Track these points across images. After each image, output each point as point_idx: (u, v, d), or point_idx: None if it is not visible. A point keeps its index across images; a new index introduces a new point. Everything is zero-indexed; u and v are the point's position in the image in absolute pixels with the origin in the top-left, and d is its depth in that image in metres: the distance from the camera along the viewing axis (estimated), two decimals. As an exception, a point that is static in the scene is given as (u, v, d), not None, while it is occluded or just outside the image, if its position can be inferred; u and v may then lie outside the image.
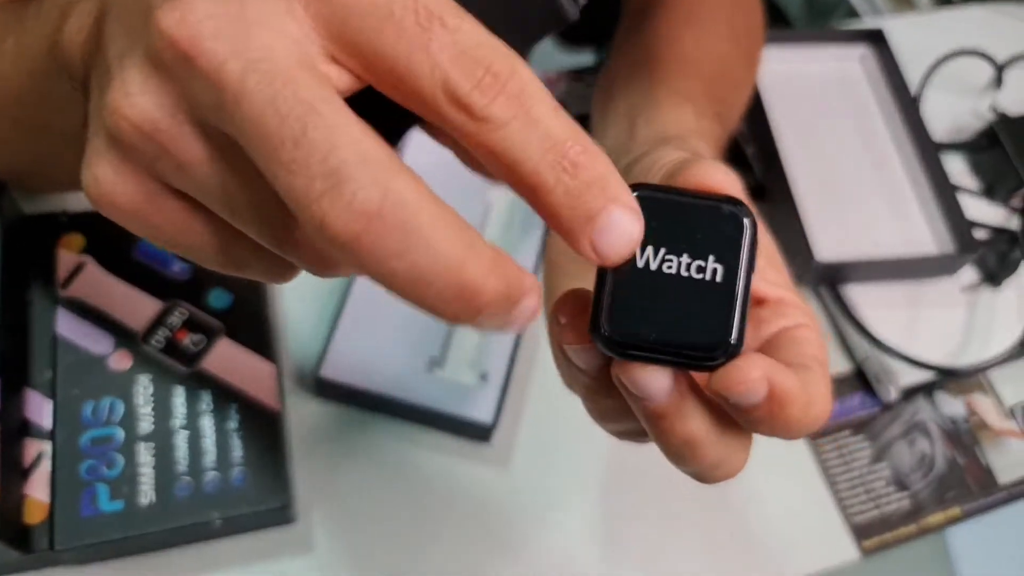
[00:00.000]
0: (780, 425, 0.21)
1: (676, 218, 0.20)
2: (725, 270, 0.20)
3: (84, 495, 0.38)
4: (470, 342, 0.46)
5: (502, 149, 0.18)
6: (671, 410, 0.21)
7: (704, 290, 0.20)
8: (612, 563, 0.44)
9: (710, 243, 0.20)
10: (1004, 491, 0.50)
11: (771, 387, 0.20)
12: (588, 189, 0.18)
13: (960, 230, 0.53)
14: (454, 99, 0.18)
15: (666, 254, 0.20)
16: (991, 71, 0.63)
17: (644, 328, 0.20)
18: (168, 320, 0.43)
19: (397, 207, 0.16)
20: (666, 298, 0.20)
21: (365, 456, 0.44)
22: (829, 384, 0.23)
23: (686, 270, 0.20)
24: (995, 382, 0.53)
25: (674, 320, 0.20)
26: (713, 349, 0.20)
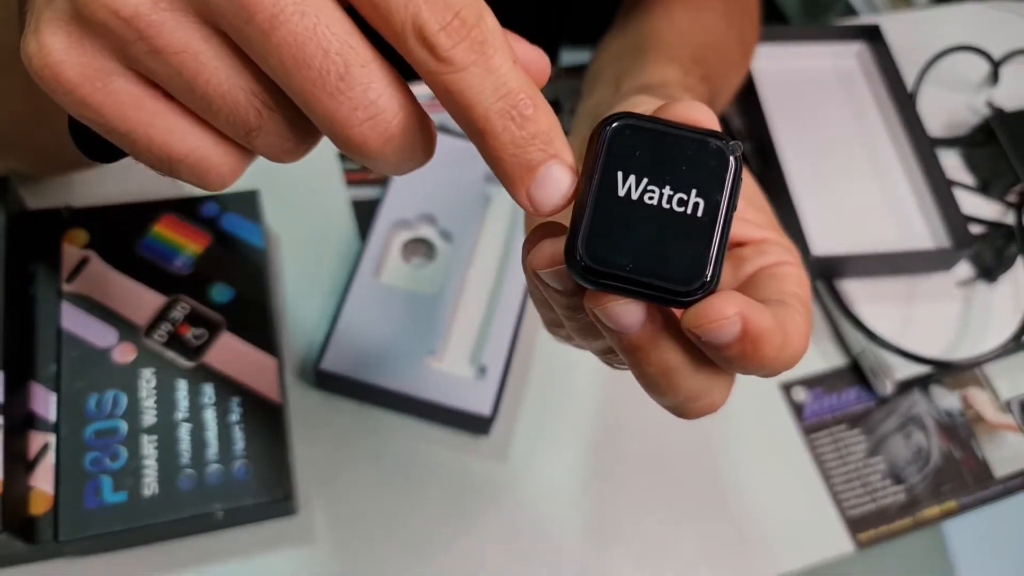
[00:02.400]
0: (754, 364, 0.21)
1: (661, 149, 0.20)
2: (707, 205, 0.20)
3: (88, 487, 0.39)
4: (469, 336, 0.46)
5: (458, 91, 0.19)
6: (645, 342, 0.21)
7: (684, 224, 0.20)
8: (609, 555, 0.44)
9: (694, 176, 0.20)
10: (1000, 484, 0.50)
11: (745, 325, 0.20)
12: (532, 141, 0.20)
13: (956, 225, 0.53)
14: (421, 36, 0.19)
15: (648, 184, 0.20)
16: (987, 67, 0.64)
17: (620, 257, 0.19)
18: (171, 314, 0.43)
19: (410, 127, 0.20)
20: (645, 229, 0.20)
21: (365, 448, 0.45)
22: (808, 320, 0.23)
23: (667, 202, 0.20)
24: (991, 376, 0.53)
25: (651, 252, 0.20)
26: (688, 284, 0.19)
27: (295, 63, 0.18)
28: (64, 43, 0.19)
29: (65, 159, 0.47)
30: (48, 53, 0.19)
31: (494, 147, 0.20)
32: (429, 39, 0.19)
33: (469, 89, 0.19)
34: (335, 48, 0.18)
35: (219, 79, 0.19)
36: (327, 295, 0.48)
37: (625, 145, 0.20)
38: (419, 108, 0.20)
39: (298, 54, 0.18)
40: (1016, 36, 0.66)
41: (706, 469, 0.48)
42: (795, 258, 0.25)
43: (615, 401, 0.48)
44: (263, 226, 0.47)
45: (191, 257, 0.45)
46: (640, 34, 0.45)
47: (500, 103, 0.19)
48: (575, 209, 0.20)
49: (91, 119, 0.20)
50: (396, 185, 0.50)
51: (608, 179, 0.20)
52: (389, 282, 0.47)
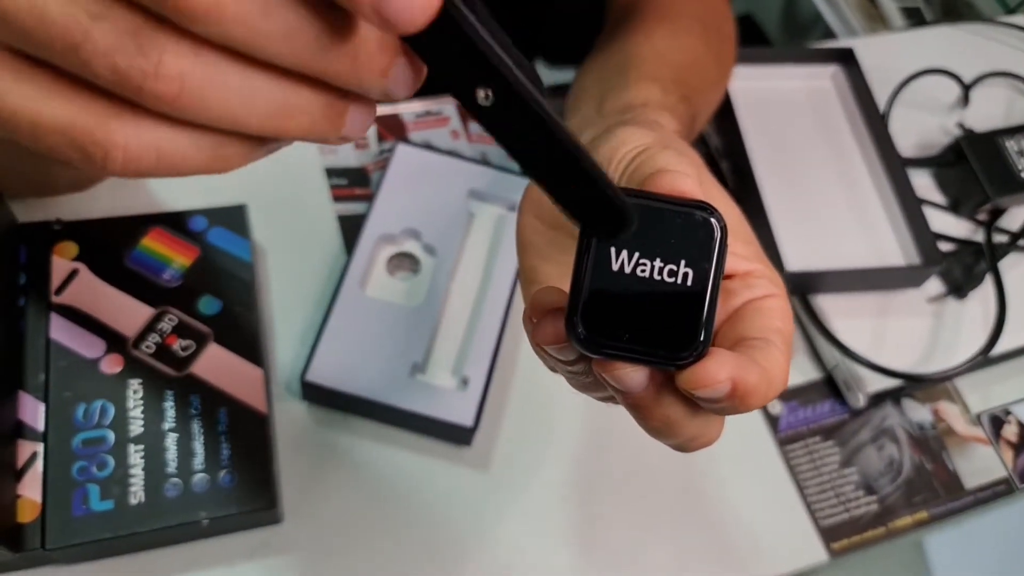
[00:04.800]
0: (742, 410, 0.22)
1: (651, 223, 0.21)
2: (696, 274, 0.21)
3: (75, 495, 0.39)
4: (452, 348, 0.47)
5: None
6: (648, 400, 0.22)
7: (675, 293, 0.21)
8: (588, 564, 0.45)
9: (682, 248, 0.21)
10: (970, 495, 0.51)
11: (735, 384, 0.21)
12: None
13: (926, 243, 0.54)
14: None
15: (640, 258, 0.21)
16: (958, 89, 0.65)
17: (617, 329, 0.21)
18: (158, 326, 0.44)
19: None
20: (639, 300, 0.21)
21: (350, 459, 0.46)
22: (788, 354, 0.24)
23: (659, 274, 0.21)
24: (962, 390, 0.55)
25: (646, 322, 0.21)
26: (682, 350, 0.21)
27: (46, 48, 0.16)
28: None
29: (51, 187, 0.48)
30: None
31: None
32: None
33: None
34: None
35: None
36: (313, 308, 0.49)
37: None
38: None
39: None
40: (986, 59, 0.68)
41: (684, 479, 0.49)
42: (781, 290, 0.26)
43: (596, 413, 0.49)
44: (250, 240, 0.48)
45: (179, 270, 0.46)
46: (622, 54, 0.47)
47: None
48: (572, 282, 0.21)
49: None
50: (381, 200, 0.51)
51: (603, 253, 0.21)
52: (374, 295, 0.48)
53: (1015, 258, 0.58)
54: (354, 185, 0.55)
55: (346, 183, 0.55)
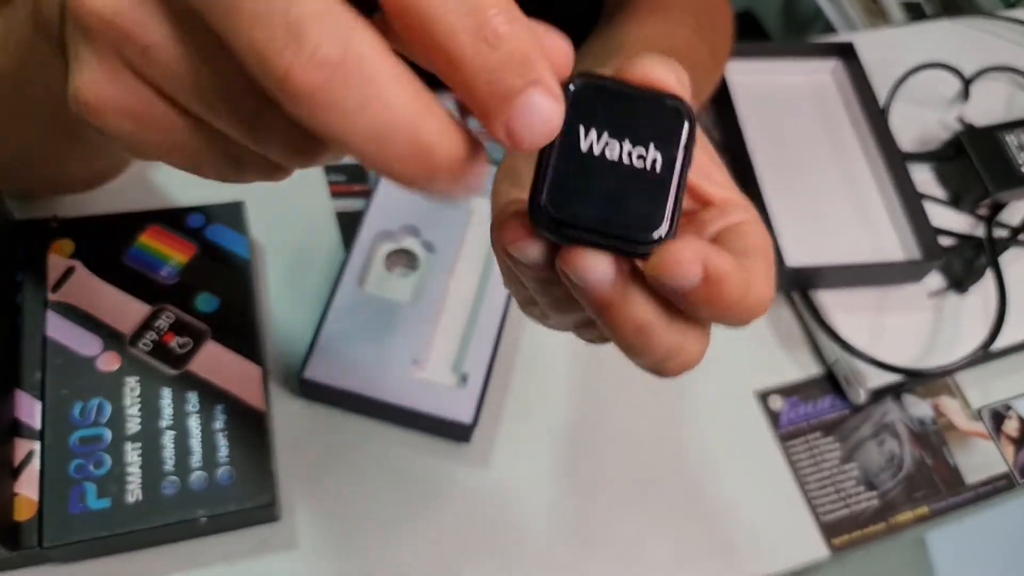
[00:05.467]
0: (720, 307, 0.21)
1: (620, 106, 0.20)
2: (664, 160, 0.20)
3: (72, 493, 0.39)
4: (451, 344, 0.47)
5: (415, 7, 0.17)
6: (616, 297, 0.21)
7: (642, 178, 0.20)
8: (588, 561, 0.45)
9: (651, 133, 0.20)
10: (971, 491, 0.51)
11: (705, 268, 0.20)
12: (509, 64, 0.17)
13: (926, 238, 0.54)
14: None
15: (609, 139, 0.20)
16: (958, 84, 0.65)
17: (582, 209, 0.20)
18: (156, 323, 0.44)
19: (357, 59, 0.16)
20: (605, 182, 0.20)
21: (348, 456, 0.46)
22: (771, 271, 0.23)
23: (627, 157, 0.20)
24: (962, 385, 0.55)
25: (613, 205, 0.20)
26: (648, 235, 0.20)
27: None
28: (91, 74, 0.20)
29: (61, 188, 0.47)
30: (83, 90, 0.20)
31: (465, 76, 0.17)
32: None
33: (429, 5, 0.17)
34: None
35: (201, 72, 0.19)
36: (311, 304, 0.49)
37: (587, 102, 0.20)
38: (379, 44, 0.17)
39: None
40: (987, 54, 0.68)
41: (685, 475, 0.48)
42: (755, 216, 0.26)
43: (595, 409, 0.49)
44: (248, 237, 0.48)
45: (176, 267, 0.46)
46: (611, 40, 0.47)
47: (469, 20, 0.17)
48: (538, 163, 0.20)
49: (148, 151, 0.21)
50: (380, 197, 0.51)
51: (571, 134, 0.20)
52: (372, 292, 0.48)
53: (1015, 252, 0.58)
54: (352, 181, 0.55)
55: (344, 179, 0.55)
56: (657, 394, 0.51)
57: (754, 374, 0.53)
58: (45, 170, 0.42)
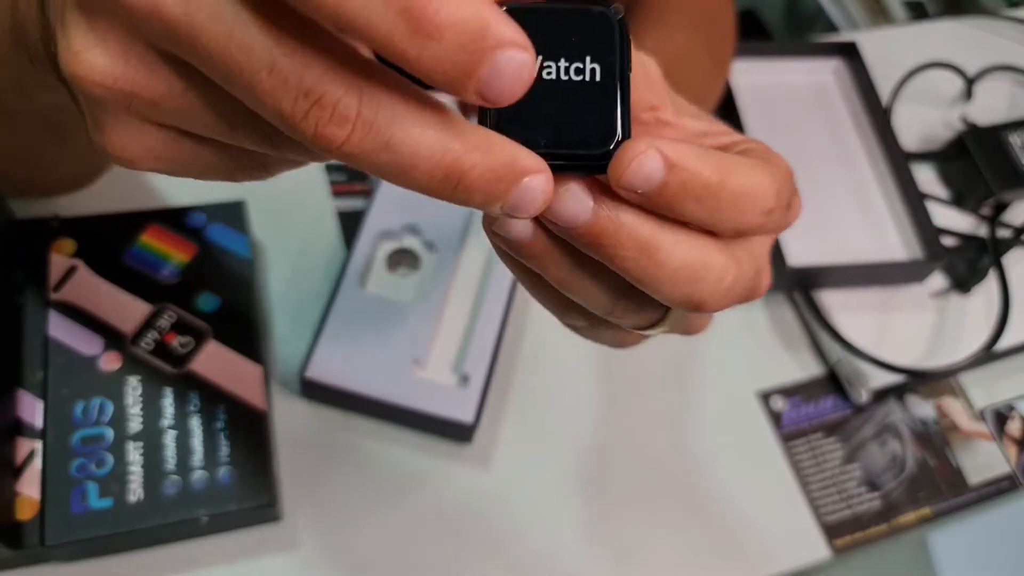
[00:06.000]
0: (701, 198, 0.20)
1: (549, 26, 0.20)
2: (603, 68, 0.20)
3: (74, 492, 0.39)
4: (452, 344, 0.47)
5: (345, 22, 0.16)
6: (607, 223, 0.20)
7: (586, 90, 0.20)
8: (590, 561, 0.45)
9: (585, 45, 0.20)
10: (974, 492, 0.51)
11: (664, 155, 0.19)
12: (461, 50, 0.16)
13: (929, 237, 0.54)
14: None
15: (544, 61, 0.20)
16: (961, 83, 0.65)
17: (533, 135, 0.20)
18: (157, 323, 0.44)
19: (375, 105, 0.17)
20: (551, 104, 0.20)
21: (349, 456, 0.45)
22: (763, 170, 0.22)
23: (565, 74, 0.20)
24: (965, 385, 0.54)
25: (561, 124, 0.20)
26: (603, 145, 0.20)
27: (226, 70, 0.17)
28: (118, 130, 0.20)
29: (52, 187, 0.47)
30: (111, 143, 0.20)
31: (421, 70, 0.16)
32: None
33: (354, 18, 0.16)
34: (260, 44, 0.17)
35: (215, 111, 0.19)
36: (312, 304, 0.49)
37: None
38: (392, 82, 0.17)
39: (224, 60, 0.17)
40: (990, 53, 0.68)
41: (686, 476, 0.48)
42: (760, 145, 0.25)
43: (597, 409, 0.49)
44: (249, 236, 0.48)
45: (178, 266, 0.46)
46: None
47: (399, 20, 0.16)
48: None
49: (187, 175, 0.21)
50: (381, 196, 0.51)
51: None
52: (374, 291, 0.48)
53: (1019, 253, 0.57)
54: (353, 180, 0.54)
55: (345, 179, 0.55)
56: (659, 394, 0.51)
57: (756, 374, 0.53)
58: (35, 169, 0.42)
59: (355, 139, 0.17)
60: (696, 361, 0.52)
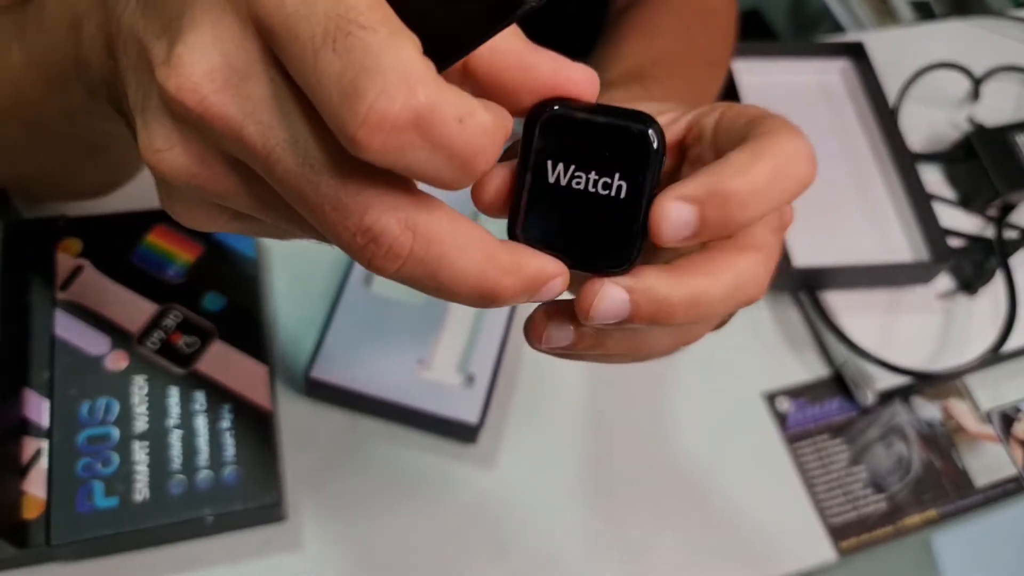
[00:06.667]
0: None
1: (586, 136, 0.21)
2: (630, 187, 0.21)
3: (80, 492, 0.39)
4: (457, 345, 0.47)
5: None
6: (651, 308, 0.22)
7: (609, 206, 0.22)
8: (595, 563, 0.45)
9: (617, 160, 0.21)
10: (980, 494, 0.51)
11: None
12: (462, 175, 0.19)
13: (935, 239, 0.54)
14: None
15: (575, 171, 0.21)
16: (968, 84, 0.65)
17: (554, 238, 0.22)
18: (163, 322, 0.44)
19: (424, 243, 0.19)
20: (575, 212, 0.22)
21: (354, 456, 0.45)
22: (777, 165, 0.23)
23: (593, 187, 0.21)
24: (971, 387, 0.54)
25: (581, 234, 0.22)
26: (618, 264, 0.22)
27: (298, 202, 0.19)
28: (180, 206, 0.22)
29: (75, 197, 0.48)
30: (180, 217, 0.22)
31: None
32: None
33: None
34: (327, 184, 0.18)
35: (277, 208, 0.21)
36: (317, 304, 0.49)
37: (554, 134, 0.21)
38: (440, 219, 0.19)
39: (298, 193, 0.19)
40: (997, 54, 0.68)
41: (691, 477, 0.48)
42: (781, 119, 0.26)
43: (601, 410, 0.49)
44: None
45: (184, 266, 0.46)
46: (601, 63, 0.48)
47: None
48: (512, 198, 0.22)
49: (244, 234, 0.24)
50: (387, 196, 0.51)
51: (540, 168, 0.21)
52: (379, 291, 0.48)
53: (1026, 254, 0.57)
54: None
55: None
56: (664, 395, 0.51)
57: (761, 375, 0.52)
58: (65, 183, 0.43)
59: (405, 271, 0.19)
60: (701, 362, 0.52)
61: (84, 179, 0.42)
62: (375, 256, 0.19)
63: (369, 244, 0.19)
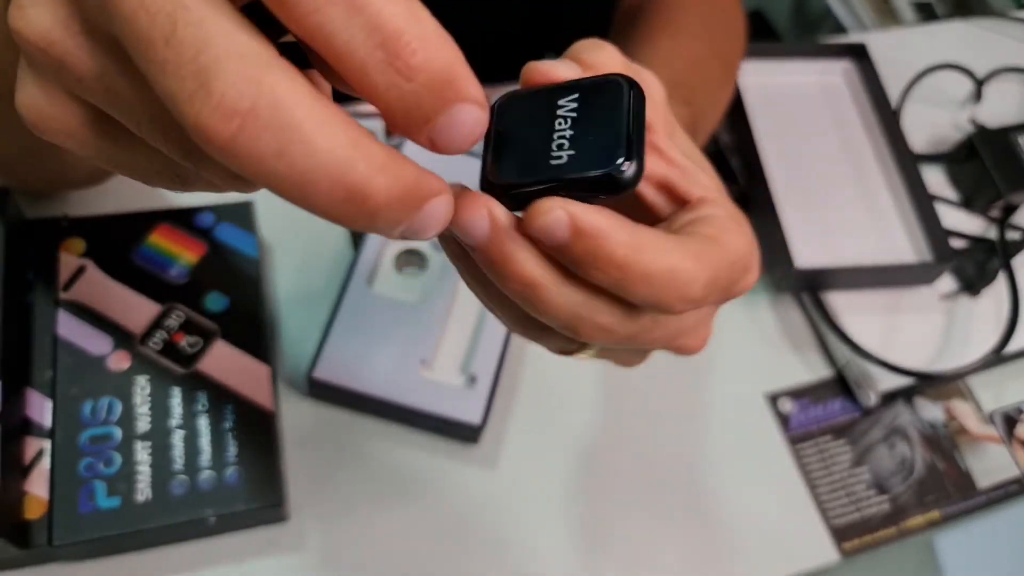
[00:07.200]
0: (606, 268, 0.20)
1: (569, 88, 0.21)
2: (613, 108, 0.20)
3: (82, 492, 0.39)
4: (460, 345, 0.47)
5: (321, 39, 0.16)
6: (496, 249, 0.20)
7: (598, 121, 0.20)
8: (596, 564, 0.45)
9: (600, 97, 0.21)
10: (983, 495, 0.51)
11: (575, 220, 0.19)
12: (426, 94, 0.16)
13: (937, 239, 0.54)
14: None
15: (559, 99, 0.21)
16: (971, 85, 0.65)
17: (539, 159, 0.21)
18: (166, 322, 0.44)
19: (271, 103, 0.15)
20: (555, 141, 0.21)
21: (356, 457, 0.45)
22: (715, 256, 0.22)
23: (576, 112, 0.21)
24: (974, 388, 0.54)
25: (571, 149, 0.20)
26: (608, 163, 0.20)
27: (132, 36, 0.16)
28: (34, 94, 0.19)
29: (64, 183, 0.47)
30: (28, 108, 0.20)
31: (382, 105, 0.16)
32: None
33: (333, 36, 0.16)
34: (165, 10, 0.15)
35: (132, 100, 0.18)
36: (320, 304, 0.49)
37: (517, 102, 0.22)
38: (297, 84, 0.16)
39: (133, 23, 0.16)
40: (1000, 54, 0.68)
41: (694, 478, 0.48)
42: (728, 213, 0.24)
43: (604, 411, 0.49)
44: (257, 236, 0.48)
45: (186, 266, 0.46)
46: None
47: (377, 53, 0.16)
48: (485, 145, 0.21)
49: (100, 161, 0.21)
50: (389, 197, 0.51)
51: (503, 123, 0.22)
52: (381, 292, 0.48)
53: (1029, 255, 0.57)
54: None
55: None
56: (666, 395, 0.50)
57: (763, 376, 0.52)
58: (49, 165, 0.42)
59: (245, 140, 0.15)
60: (704, 363, 0.52)
61: (68, 162, 0.42)
62: (203, 111, 0.15)
63: (199, 93, 0.15)
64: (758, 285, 0.55)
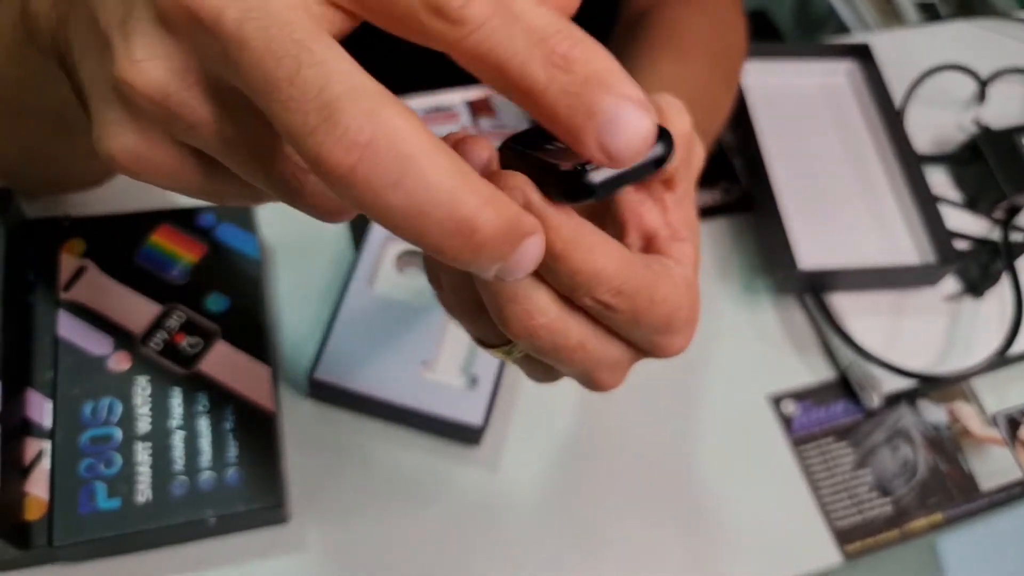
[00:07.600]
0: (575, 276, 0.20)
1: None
2: None
3: (82, 493, 0.39)
4: (461, 346, 0.47)
5: (485, 52, 0.17)
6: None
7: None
8: (598, 566, 0.45)
9: None
10: (985, 498, 0.51)
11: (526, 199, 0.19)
12: (586, 84, 0.17)
13: (941, 241, 0.54)
14: (430, 7, 0.17)
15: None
16: (974, 86, 0.65)
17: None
18: (166, 323, 0.44)
19: (388, 136, 0.16)
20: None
21: (357, 458, 0.45)
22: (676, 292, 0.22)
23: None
24: (977, 390, 0.54)
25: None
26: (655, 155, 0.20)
27: (257, 79, 0.17)
28: (134, 141, 0.20)
29: (65, 185, 0.48)
30: (127, 154, 0.20)
31: (544, 104, 0.17)
32: (438, 5, 0.17)
33: (496, 46, 0.17)
34: (291, 54, 0.17)
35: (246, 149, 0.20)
36: (321, 305, 0.49)
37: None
38: (411, 119, 0.17)
39: (258, 68, 0.17)
40: (1004, 55, 0.67)
41: (696, 480, 0.48)
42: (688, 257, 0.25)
43: (605, 412, 0.49)
44: (258, 236, 0.48)
45: (187, 267, 0.46)
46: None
47: (536, 51, 0.17)
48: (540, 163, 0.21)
49: (187, 193, 0.22)
50: (391, 197, 0.51)
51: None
52: (383, 292, 0.47)
53: (1032, 256, 0.57)
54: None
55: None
56: (668, 398, 0.50)
57: (766, 378, 0.52)
58: (49, 167, 0.42)
59: (363, 170, 0.16)
60: (706, 364, 0.52)
61: (70, 165, 0.42)
62: (327, 139, 0.16)
63: (321, 127, 0.16)
64: (760, 286, 0.55)
